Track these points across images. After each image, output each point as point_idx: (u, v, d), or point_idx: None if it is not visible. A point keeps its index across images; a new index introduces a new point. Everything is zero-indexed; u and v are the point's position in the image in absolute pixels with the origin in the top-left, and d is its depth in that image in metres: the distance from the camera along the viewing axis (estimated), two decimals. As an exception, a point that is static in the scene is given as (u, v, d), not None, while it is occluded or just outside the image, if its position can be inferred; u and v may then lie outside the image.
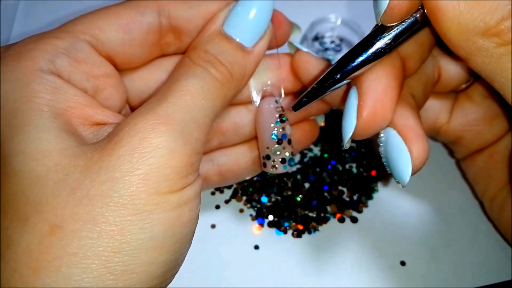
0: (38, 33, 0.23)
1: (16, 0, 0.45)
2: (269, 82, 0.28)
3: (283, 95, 0.29)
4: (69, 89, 0.21)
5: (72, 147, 0.20)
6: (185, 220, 0.21)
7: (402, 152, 0.24)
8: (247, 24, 0.24)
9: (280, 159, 0.28)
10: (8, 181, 0.19)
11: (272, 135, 0.27)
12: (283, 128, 0.28)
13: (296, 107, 0.25)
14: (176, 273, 0.22)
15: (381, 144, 0.26)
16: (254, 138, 0.29)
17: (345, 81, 0.24)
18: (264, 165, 0.28)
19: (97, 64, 0.23)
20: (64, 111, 0.21)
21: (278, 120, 0.27)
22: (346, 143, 0.25)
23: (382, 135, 0.26)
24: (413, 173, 0.24)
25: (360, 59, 0.23)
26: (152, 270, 0.20)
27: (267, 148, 0.28)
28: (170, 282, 0.22)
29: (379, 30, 0.23)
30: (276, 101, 0.28)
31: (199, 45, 0.24)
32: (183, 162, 0.20)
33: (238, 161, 0.30)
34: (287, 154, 0.28)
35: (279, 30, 0.27)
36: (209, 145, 0.29)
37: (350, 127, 0.24)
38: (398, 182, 0.25)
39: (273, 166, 0.28)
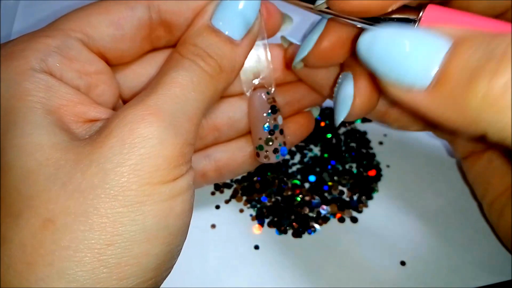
0: (30, 32, 0.23)
1: (16, 0, 0.45)
2: (260, 74, 0.28)
3: (274, 87, 0.29)
4: (61, 87, 0.21)
5: (64, 141, 0.20)
6: (178, 212, 0.20)
7: (346, 97, 0.25)
8: (235, 17, 0.23)
9: (272, 149, 0.28)
10: (1, 177, 0.19)
11: (264, 126, 0.28)
12: (275, 119, 0.28)
13: None
14: (172, 266, 0.22)
15: (337, 85, 0.26)
16: (249, 132, 0.29)
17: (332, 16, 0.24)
18: (257, 155, 0.29)
19: (89, 62, 0.23)
20: (56, 109, 0.21)
21: (270, 111, 0.28)
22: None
23: (341, 76, 0.26)
24: (348, 119, 0.25)
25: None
26: (146, 263, 0.19)
27: (260, 139, 0.28)
28: (166, 275, 0.22)
29: None
30: (268, 93, 0.28)
31: (187, 39, 0.24)
32: (174, 152, 0.20)
33: (235, 156, 0.30)
34: (279, 144, 0.28)
35: (270, 21, 0.27)
36: (205, 141, 0.29)
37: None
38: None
39: (266, 156, 0.28)
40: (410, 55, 0.18)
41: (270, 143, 0.28)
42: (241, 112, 0.29)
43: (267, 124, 0.28)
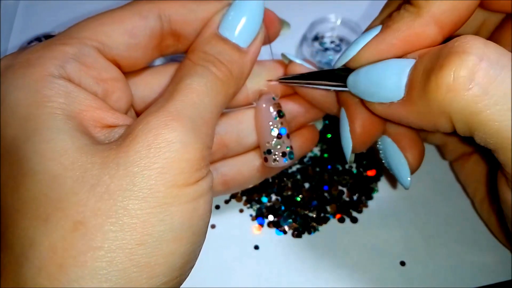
0: (45, 41, 0.23)
1: (16, 0, 0.45)
2: (265, 80, 0.29)
3: (279, 92, 0.29)
4: (80, 93, 0.22)
5: (87, 145, 0.20)
6: (201, 212, 0.21)
7: (399, 159, 0.27)
8: (241, 26, 0.25)
9: (280, 153, 0.28)
10: (26, 182, 0.19)
11: (271, 130, 0.28)
12: (282, 123, 0.29)
13: (281, 79, 0.28)
14: (194, 265, 0.22)
15: (380, 151, 0.28)
16: (257, 147, 0.30)
17: (336, 88, 0.26)
18: (266, 159, 0.29)
19: (105, 69, 0.24)
20: (77, 114, 0.21)
21: (276, 116, 0.29)
22: (349, 158, 0.27)
23: (379, 142, 0.28)
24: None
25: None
26: (173, 261, 0.20)
27: (268, 143, 0.29)
28: (188, 274, 0.22)
29: None
30: (273, 98, 0.29)
31: (197, 47, 0.25)
32: (196, 155, 0.21)
33: (242, 170, 0.30)
34: (287, 147, 0.29)
35: (270, 27, 0.28)
36: (213, 157, 0.30)
37: (348, 145, 0.27)
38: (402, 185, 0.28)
39: (275, 160, 0.29)
40: (385, 77, 0.22)
41: (278, 147, 0.29)
42: (249, 129, 0.29)
43: (274, 128, 0.28)
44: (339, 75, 0.26)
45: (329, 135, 0.37)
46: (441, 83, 0.20)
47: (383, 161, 0.29)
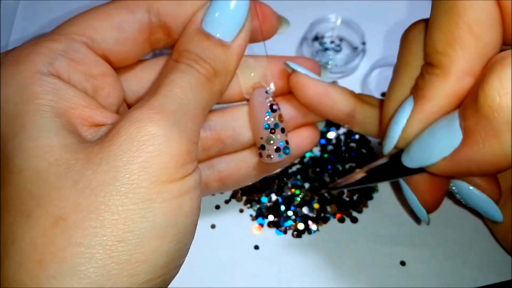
0: (35, 38, 0.23)
1: (16, 0, 0.45)
2: (253, 75, 0.28)
3: (273, 86, 0.29)
4: (69, 90, 0.22)
5: (73, 143, 0.20)
6: (187, 209, 0.21)
7: (482, 199, 0.26)
8: (225, 20, 0.24)
9: (274, 148, 0.28)
10: (11, 179, 0.19)
11: (264, 125, 0.28)
12: (275, 117, 0.28)
13: (330, 188, 0.29)
14: (180, 264, 0.22)
15: (456, 195, 0.28)
16: (254, 145, 0.29)
17: (396, 179, 0.27)
18: (260, 155, 0.28)
19: (94, 64, 0.24)
20: (64, 112, 0.21)
21: (270, 110, 0.28)
22: (427, 222, 0.28)
23: (452, 187, 0.27)
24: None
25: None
26: (156, 260, 0.20)
27: (261, 138, 0.28)
28: (175, 274, 0.22)
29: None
30: (267, 92, 0.28)
31: (180, 45, 0.24)
32: (180, 150, 0.20)
33: (239, 167, 0.30)
34: (280, 143, 0.28)
35: (265, 23, 0.27)
36: (208, 153, 0.29)
37: (422, 213, 0.27)
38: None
39: (268, 156, 0.28)
40: (438, 134, 0.22)
41: (272, 142, 0.28)
42: (244, 125, 0.29)
43: (267, 122, 0.28)
44: (394, 163, 0.25)
45: (327, 135, 0.37)
46: (490, 92, 0.19)
47: (461, 200, 0.28)
